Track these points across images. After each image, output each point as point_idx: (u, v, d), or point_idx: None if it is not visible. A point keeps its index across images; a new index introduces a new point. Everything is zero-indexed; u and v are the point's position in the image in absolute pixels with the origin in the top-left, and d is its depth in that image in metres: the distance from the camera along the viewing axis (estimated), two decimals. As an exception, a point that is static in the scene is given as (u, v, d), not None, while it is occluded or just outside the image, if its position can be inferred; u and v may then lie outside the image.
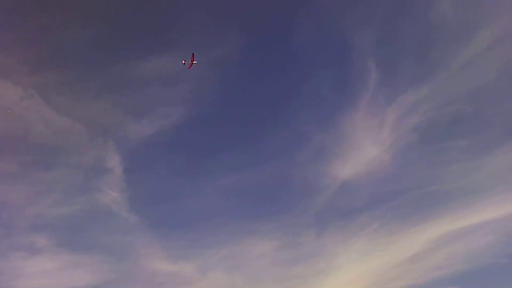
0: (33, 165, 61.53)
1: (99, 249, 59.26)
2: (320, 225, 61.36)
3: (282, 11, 67.95)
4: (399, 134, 63.63)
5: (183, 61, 53.59)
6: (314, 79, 68.92)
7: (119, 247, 60.11)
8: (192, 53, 53.53)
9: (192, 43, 64.31)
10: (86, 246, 59.41)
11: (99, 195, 61.62)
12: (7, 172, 60.22)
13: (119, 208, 61.45)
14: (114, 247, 59.95)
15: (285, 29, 68.27)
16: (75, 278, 56.44)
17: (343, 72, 67.66)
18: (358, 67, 65.98)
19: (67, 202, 60.86)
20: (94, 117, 65.20)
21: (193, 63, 53.70)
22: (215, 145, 67.81)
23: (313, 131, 66.96)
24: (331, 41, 68.28)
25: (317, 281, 57.06)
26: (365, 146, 64.93)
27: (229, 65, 67.27)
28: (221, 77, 67.15)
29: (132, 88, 66.43)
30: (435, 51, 64.67)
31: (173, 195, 64.69)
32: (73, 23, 64.59)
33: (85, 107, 64.90)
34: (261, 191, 64.94)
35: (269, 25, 68.51)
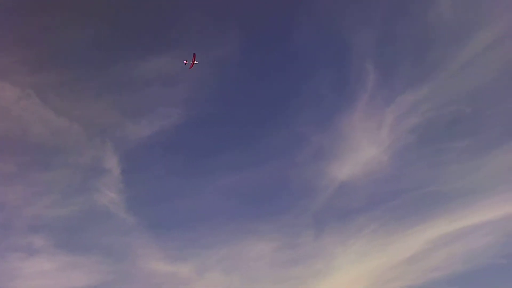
0: (31, 166, 61.53)
1: (97, 249, 59.22)
2: (318, 225, 61.38)
3: (281, 11, 68.22)
4: (398, 134, 63.79)
5: (184, 61, 53.25)
6: (313, 80, 69.26)
7: (117, 248, 60.07)
8: (193, 53, 53.24)
9: (191, 43, 64.47)
10: (84, 247, 59.36)
11: (97, 196, 61.54)
12: (5, 172, 60.17)
13: (117, 208, 61.42)
14: (112, 248, 59.89)
15: (284, 29, 68.56)
16: (73, 279, 56.27)
17: (342, 72, 68.07)
18: (356, 68, 66.29)
19: (65, 202, 60.78)
20: (92, 117, 65.28)
21: (195, 63, 53.40)
22: (214, 145, 67.96)
23: (312, 132, 67.10)
24: (330, 41, 68.63)
25: (316, 282, 57.04)
26: (364, 146, 65.06)
27: (228, 65, 67.53)
28: (220, 78, 67.32)
29: (131, 88, 66.58)
30: (433, 52, 65.01)
31: (171, 195, 64.65)
32: (71, 23, 64.72)
33: (83, 108, 64.96)
34: (259, 191, 65.00)
35: (268, 26, 68.80)
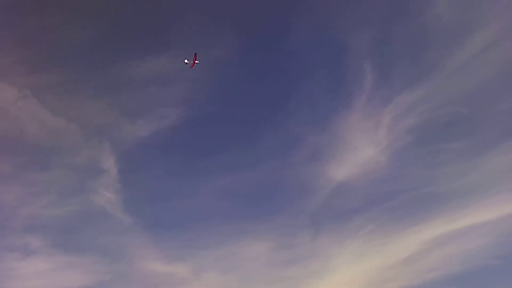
0: (28, 166, 61.51)
1: (93, 250, 59.12)
2: (315, 226, 61.32)
3: (278, 12, 68.17)
4: (395, 135, 63.73)
5: (185, 60, 52.87)
6: (310, 80, 69.20)
7: (114, 248, 59.97)
8: (194, 53, 52.92)
9: (188, 43, 64.29)
10: (80, 247, 59.27)
11: (93, 196, 61.52)
12: (2, 172, 60.12)
13: (114, 209, 61.38)
14: (109, 248, 59.80)
15: (281, 30, 68.49)
16: (70, 279, 56.16)
17: (340, 73, 67.97)
18: (354, 68, 66.29)
19: (62, 202, 60.73)
20: (89, 117, 65.25)
21: (196, 63, 53.13)
22: (210, 146, 67.89)
23: (309, 132, 67.01)
24: (327, 42, 68.64)
25: (312, 283, 56.90)
26: (361, 147, 64.99)
27: (225, 66, 67.44)
28: (217, 78, 67.23)
29: (128, 88, 66.60)
30: (431, 52, 64.91)
31: (168, 196, 64.64)
32: (69, 23, 64.73)
33: (80, 108, 64.95)
34: (256, 192, 64.88)
35: (265, 26, 68.71)
